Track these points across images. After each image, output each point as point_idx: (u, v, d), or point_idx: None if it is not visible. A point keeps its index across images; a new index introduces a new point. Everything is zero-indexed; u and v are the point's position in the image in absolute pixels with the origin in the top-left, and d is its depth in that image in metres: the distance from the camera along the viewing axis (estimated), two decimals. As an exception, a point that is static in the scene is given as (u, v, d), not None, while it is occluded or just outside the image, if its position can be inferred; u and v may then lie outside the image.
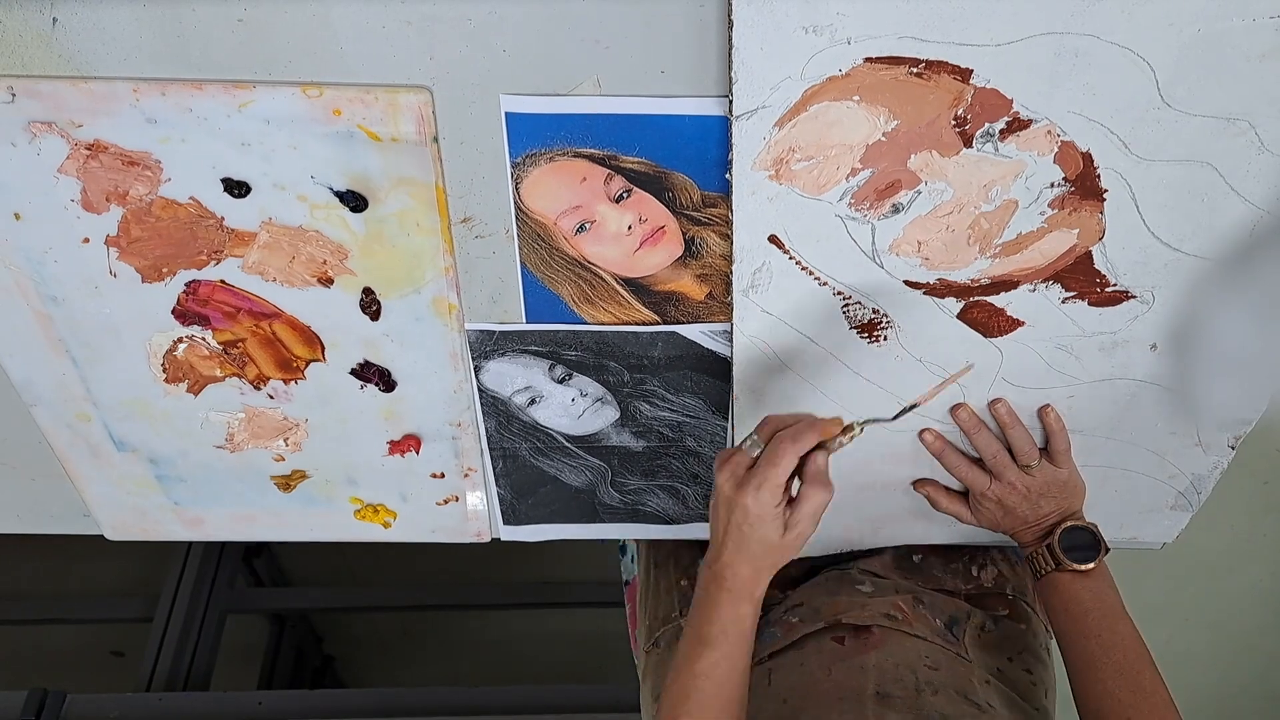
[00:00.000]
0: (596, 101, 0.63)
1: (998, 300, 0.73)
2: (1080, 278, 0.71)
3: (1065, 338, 0.75)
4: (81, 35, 0.60)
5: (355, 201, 0.68)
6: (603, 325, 0.76)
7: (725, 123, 0.63)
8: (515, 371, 0.80)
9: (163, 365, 0.79)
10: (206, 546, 1.77)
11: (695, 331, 0.77)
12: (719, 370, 0.79)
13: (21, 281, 0.72)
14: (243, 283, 0.73)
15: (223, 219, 0.69)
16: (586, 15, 0.59)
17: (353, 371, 0.79)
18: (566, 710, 1.46)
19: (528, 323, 0.76)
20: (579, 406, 0.82)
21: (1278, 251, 0.69)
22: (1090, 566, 0.79)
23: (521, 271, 0.73)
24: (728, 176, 0.65)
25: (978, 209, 0.67)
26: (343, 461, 0.87)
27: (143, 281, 0.73)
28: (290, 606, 2.07)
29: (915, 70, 0.60)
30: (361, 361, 0.78)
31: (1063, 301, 0.73)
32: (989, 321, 0.74)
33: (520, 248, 0.71)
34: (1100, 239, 0.69)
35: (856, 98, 0.61)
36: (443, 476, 0.88)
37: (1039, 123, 0.62)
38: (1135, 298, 0.73)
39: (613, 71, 0.62)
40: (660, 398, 0.82)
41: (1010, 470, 0.81)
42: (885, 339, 0.75)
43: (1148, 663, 0.76)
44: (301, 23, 0.59)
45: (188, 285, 0.73)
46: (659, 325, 0.76)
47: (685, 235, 0.70)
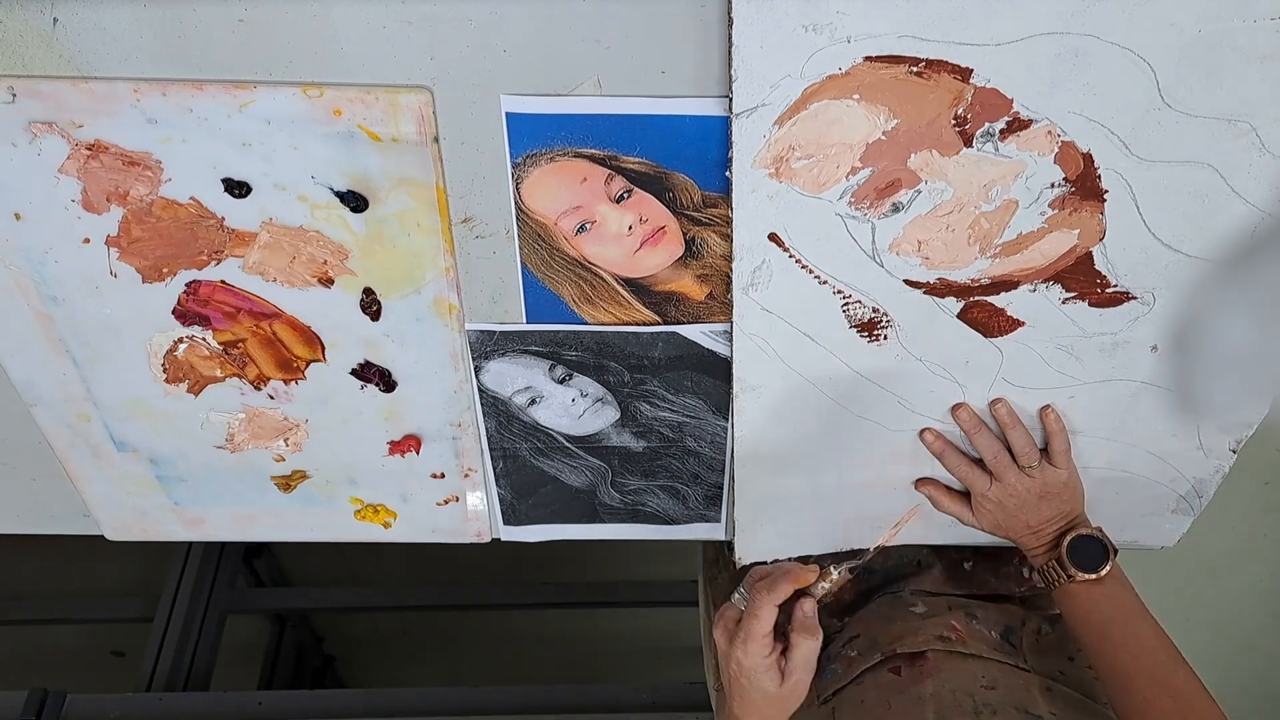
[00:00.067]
0: (597, 102, 0.63)
1: (998, 300, 0.73)
2: (1081, 278, 0.71)
3: (1066, 338, 0.75)
4: (82, 35, 0.60)
5: (356, 202, 0.68)
6: (603, 325, 0.76)
7: (726, 123, 0.63)
8: (515, 372, 0.80)
9: (163, 365, 0.79)
10: (207, 546, 1.77)
11: (696, 332, 0.77)
12: (719, 371, 0.79)
13: (22, 281, 0.72)
14: (243, 283, 0.73)
15: (223, 219, 0.69)
16: (587, 15, 0.59)
17: (353, 372, 0.79)
18: (566, 710, 1.46)
19: (528, 323, 0.76)
20: (579, 407, 0.82)
21: (1278, 253, 0.69)
22: (1104, 573, 0.78)
23: (522, 272, 0.73)
24: (728, 174, 0.65)
25: (978, 209, 0.67)
26: (343, 462, 0.87)
27: (143, 282, 0.73)
28: (290, 606, 2.07)
29: (915, 69, 0.60)
30: (362, 362, 0.78)
31: (1063, 302, 0.73)
32: (989, 321, 0.74)
33: (521, 248, 0.71)
34: (1101, 239, 0.69)
35: (856, 96, 0.61)
36: (443, 477, 0.88)
37: (1039, 123, 0.62)
38: (1136, 299, 0.73)
39: (613, 71, 0.62)
40: (661, 398, 0.82)
41: (1010, 471, 0.81)
42: (885, 338, 0.75)
43: (1179, 661, 0.75)
44: (302, 23, 0.59)
45: (188, 285, 0.73)
46: (659, 325, 0.76)
47: (686, 235, 0.70)
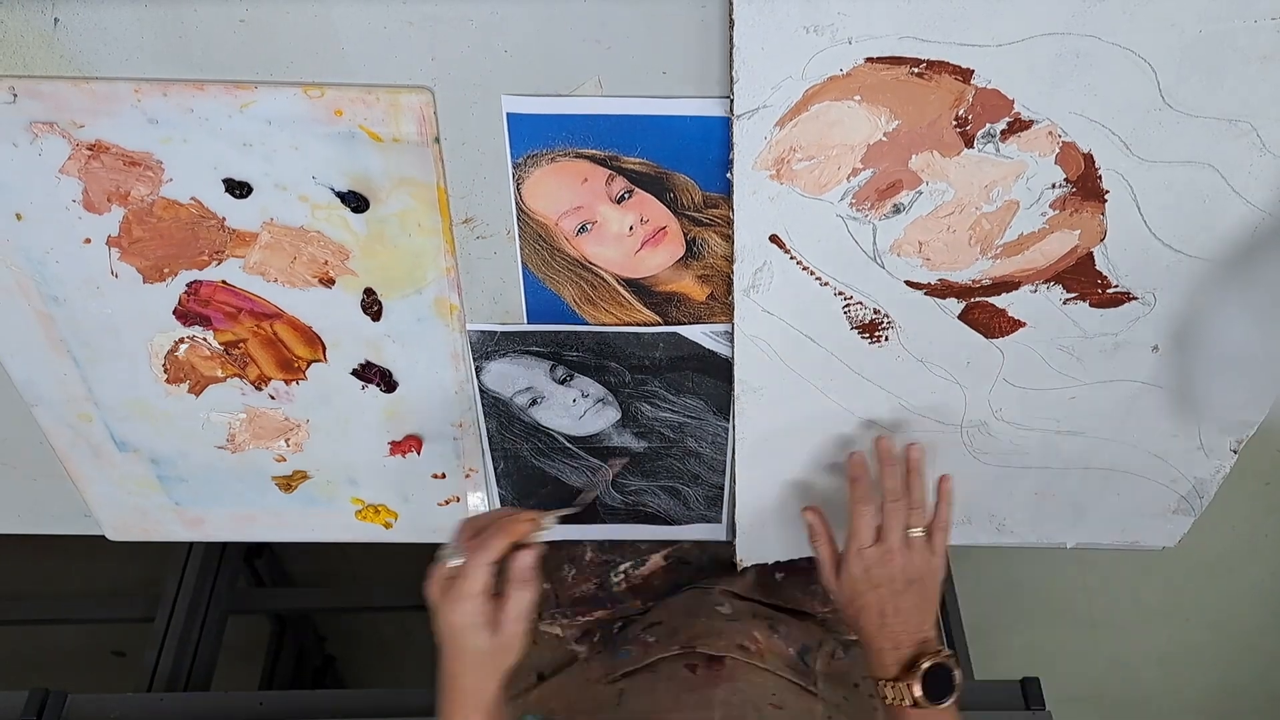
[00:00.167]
0: (598, 102, 0.63)
1: (999, 301, 0.73)
2: (1081, 279, 0.71)
3: (1066, 339, 0.75)
4: (83, 35, 0.60)
5: (356, 202, 0.68)
6: (604, 326, 0.76)
7: (727, 123, 0.63)
8: (516, 372, 0.80)
9: (164, 366, 0.79)
10: (208, 547, 1.77)
11: (696, 332, 0.77)
12: (720, 371, 0.79)
13: (23, 282, 0.72)
14: (244, 283, 0.73)
15: (224, 219, 0.69)
16: (588, 16, 0.59)
17: (354, 372, 0.79)
18: (567, 710, 1.46)
19: (529, 323, 0.76)
20: (580, 407, 0.82)
21: (1279, 253, 0.69)
22: (945, 706, 0.75)
23: (523, 272, 0.73)
24: (729, 176, 0.65)
25: (979, 209, 0.67)
26: (344, 462, 0.87)
27: (144, 282, 0.73)
28: (291, 607, 2.07)
29: (916, 70, 0.60)
30: (363, 362, 0.78)
31: (1064, 303, 0.73)
32: (990, 322, 0.74)
33: (521, 248, 0.71)
34: (1101, 240, 0.69)
35: (857, 98, 0.61)
36: (444, 477, 0.88)
37: (1040, 123, 0.62)
38: (1137, 299, 0.73)
39: (614, 72, 0.62)
40: (661, 398, 0.82)
41: (896, 532, 0.78)
42: (886, 339, 0.75)
43: None
44: (303, 23, 0.59)
45: (189, 286, 0.73)
46: (660, 326, 0.76)
47: (686, 236, 0.70)
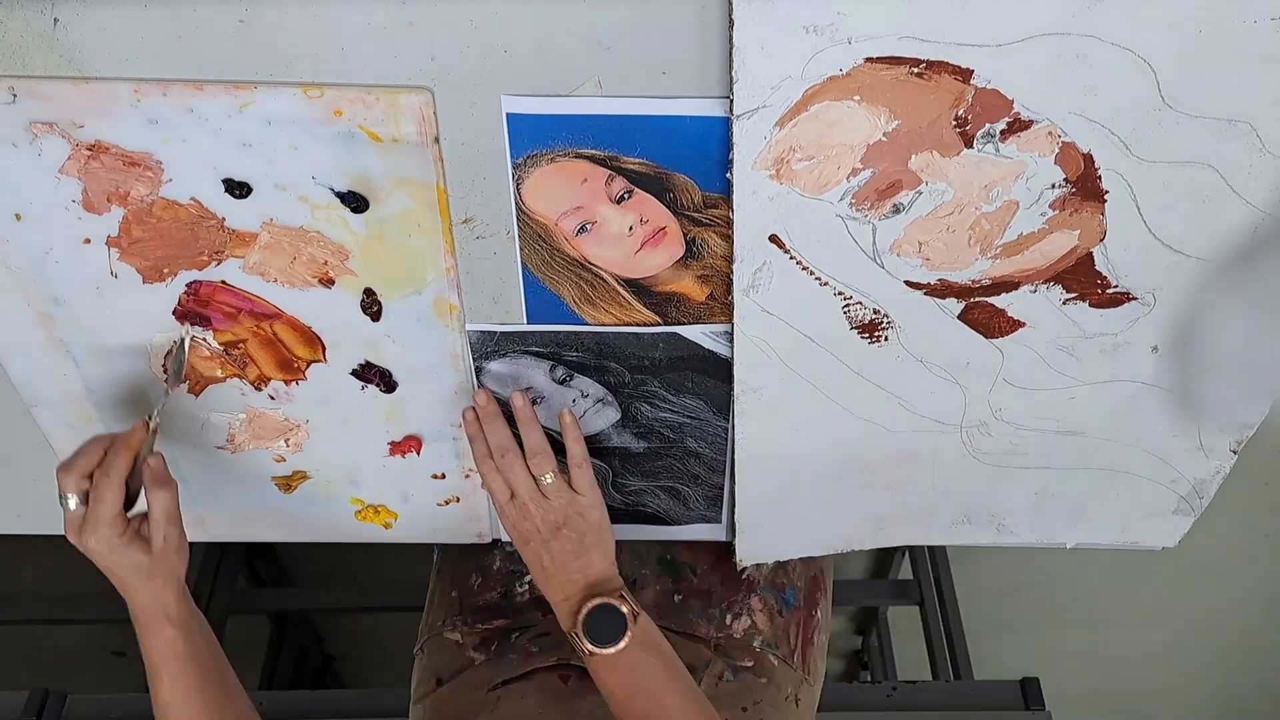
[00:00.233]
0: (598, 102, 0.63)
1: (999, 301, 0.73)
2: (1081, 279, 0.71)
3: (1066, 339, 0.75)
4: (83, 36, 0.60)
5: (356, 202, 0.68)
6: (604, 326, 0.76)
7: (726, 124, 0.63)
8: (516, 372, 0.80)
9: (164, 366, 0.79)
10: (208, 547, 1.77)
11: (696, 332, 0.77)
12: (720, 371, 0.79)
13: (23, 282, 0.72)
14: (244, 283, 0.73)
15: (224, 220, 0.69)
16: (588, 16, 0.59)
17: (354, 372, 0.79)
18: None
19: (529, 323, 0.76)
20: (580, 407, 0.82)
21: (1279, 253, 0.69)
22: (619, 648, 0.73)
23: (522, 272, 0.73)
24: (728, 176, 0.65)
25: (979, 210, 0.67)
26: (344, 462, 0.87)
27: (144, 282, 0.73)
28: (292, 607, 2.07)
29: (916, 70, 0.60)
30: (362, 362, 0.78)
31: (1064, 303, 0.73)
32: (990, 322, 0.74)
33: (521, 248, 0.71)
34: (1101, 240, 0.69)
35: (857, 98, 0.61)
36: (444, 477, 0.88)
37: (1040, 123, 0.62)
38: (1136, 299, 0.73)
39: (614, 72, 0.62)
40: (661, 398, 0.82)
41: (523, 485, 0.77)
42: (886, 339, 0.75)
43: None
44: (302, 23, 0.59)
45: (189, 286, 0.73)
46: (660, 326, 0.76)
47: (686, 236, 0.70)
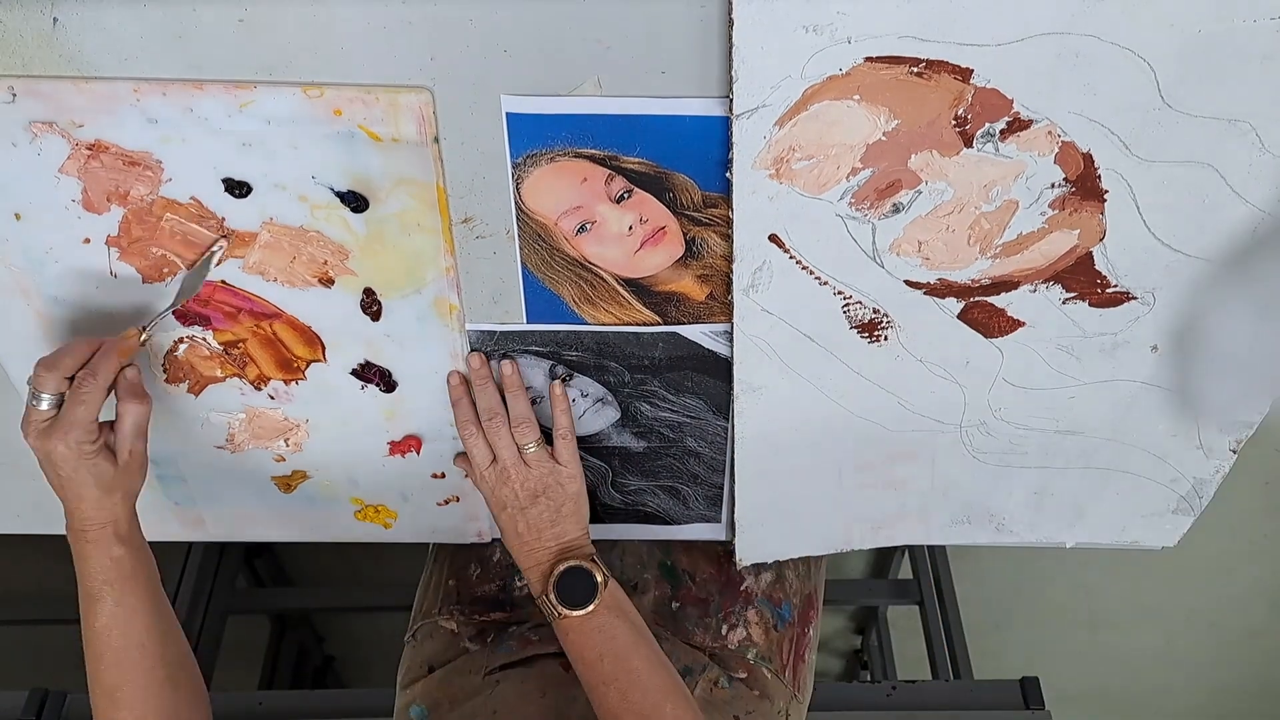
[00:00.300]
0: (597, 102, 0.63)
1: (998, 300, 0.73)
2: (1081, 278, 0.71)
3: (1066, 338, 0.75)
4: (82, 35, 0.60)
5: (356, 202, 0.68)
6: (603, 326, 0.76)
7: (726, 123, 0.63)
8: (516, 372, 0.80)
9: (163, 365, 0.79)
10: (207, 546, 1.77)
11: (696, 332, 0.77)
12: (720, 370, 0.79)
13: (22, 281, 0.72)
14: (243, 283, 0.73)
15: (224, 219, 0.69)
16: (587, 15, 0.59)
17: (353, 372, 0.79)
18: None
19: (528, 323, 0.76)
20: (580, 407, 0.82)
21: (1278, 253, 0.69)
22: (589, 610, 0.75)
23: (522, 272, 0.73)
24: (728, 176, 0.65)
25: (978, 209, 0.67)
26: (343, 462, 0.87)
27: (143, 281, 0.73)
28: (291, 606, 2.07)
29: (915, 70, 0.60)
30: (362, 362, 0.78)
31: (1063, 302, 0.73)
32: (989, 322, 0.74)
33: (521, 248, 0.71)
34: (1101, 240, 0.69)
35: (857, 97, 0.61)
36: (443, 477, 0.88)
37: (1039, 123, 0.62)
38: (1136, 299, 0.73)
39: (614, 72, 0.62)
40: (661, 398, 0.82)
41: (506, 450, 0.78)
42: (885, 339, 0.75)
43: (668, 693, 0.74)
44: (302, 23, 0.59)
45: (188, 285, 0.73)
46: (660, 326, 0.76)
47: (686, 236, 0.70)
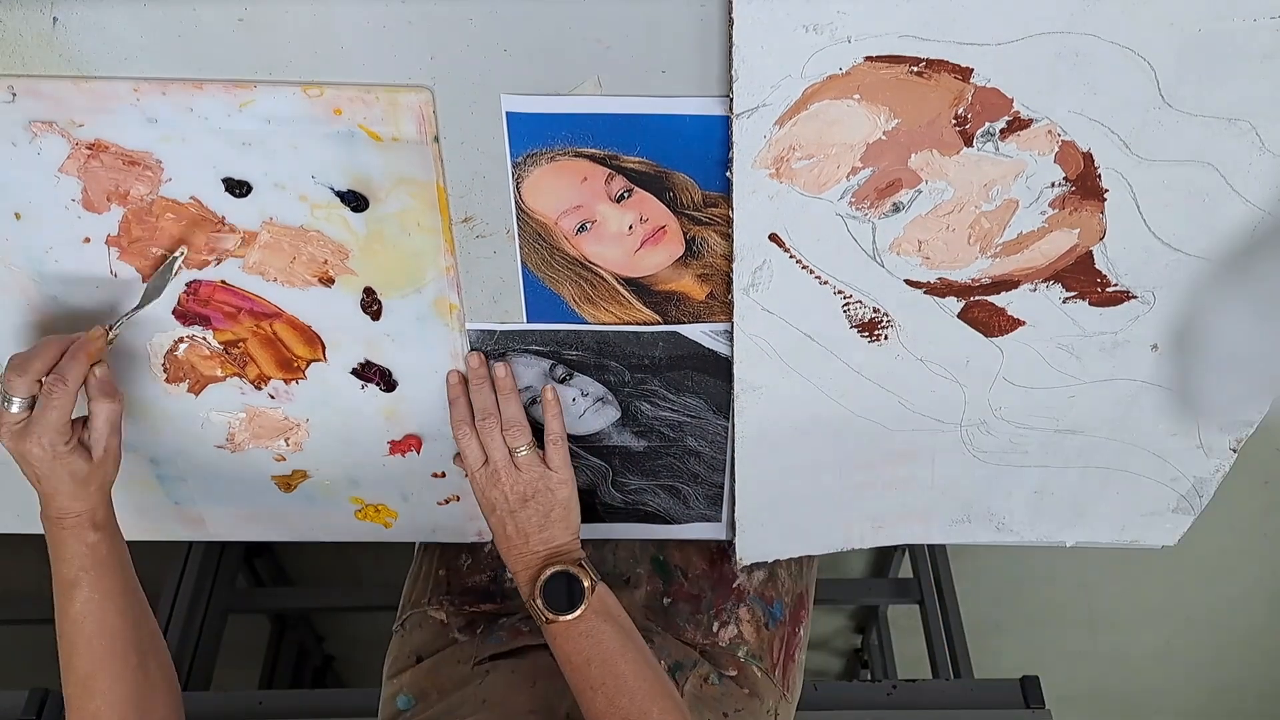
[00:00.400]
0: (597, 101, 0.63)
1: (998, 300, 0.73)
2: (1081, 278, 0.71)
3: (1066, 338, 0.75)
4: (82, 35, 0.60)
5: (356, 201, 0.68)
6: (604, 325, 0.76)
7: (726, 122, 0.63)
8: (516, 371, 0.80)
9: (163, 365, 0.79)
10: (207, 546, 1.77)
11: (696, 331, 0.77)
12: (720, 370, 0.79)
13: (22, 281, 0.72)
14: (243, 283, 0.73)
15: (224, 219, 0.69)
16: (587, 15, 0.59)
17: (354, 371, 0.79)
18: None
19: (529, 322, 0.76)
20: (580, 406, 0.82)
21: (1278, 252, 0.69)
22: (576, 615, 0.75)
23: (522, 271, 0.73)
24: (728, 175, 0.65)
25: (978, 208, 0.67)
26: (344, 461, 0.87)
27: (143, 281, 0.72)
28: (291, 606, 2.07)
29: (916, 69, 0.60)
30: (362, 361, 0.78)
31: (1063, 301, 0.73)
32: (989, 321, 0.74)
33: (521, 247, 0.71)
34: (1101, 239, 0.69)
35: (857, 96, 0.61)
36: (444, 476, 0.88)
37: (1039, 122, 0.62)
38: (1136, 298, 0.73)
39: (614, 71, 0.62)
40: (661, 397, 0.82)
41: (498, 452, 0.78)
42: (886, 338, 0.75)
43: (655, 697, 0.73)
44: (302, 22, 0.59)
45: (188, 285, 0.73)
46: (660, 325, 0.76)
47: (686, 235, 0.70)
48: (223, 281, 0.73)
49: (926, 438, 0.84)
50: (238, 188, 0.67)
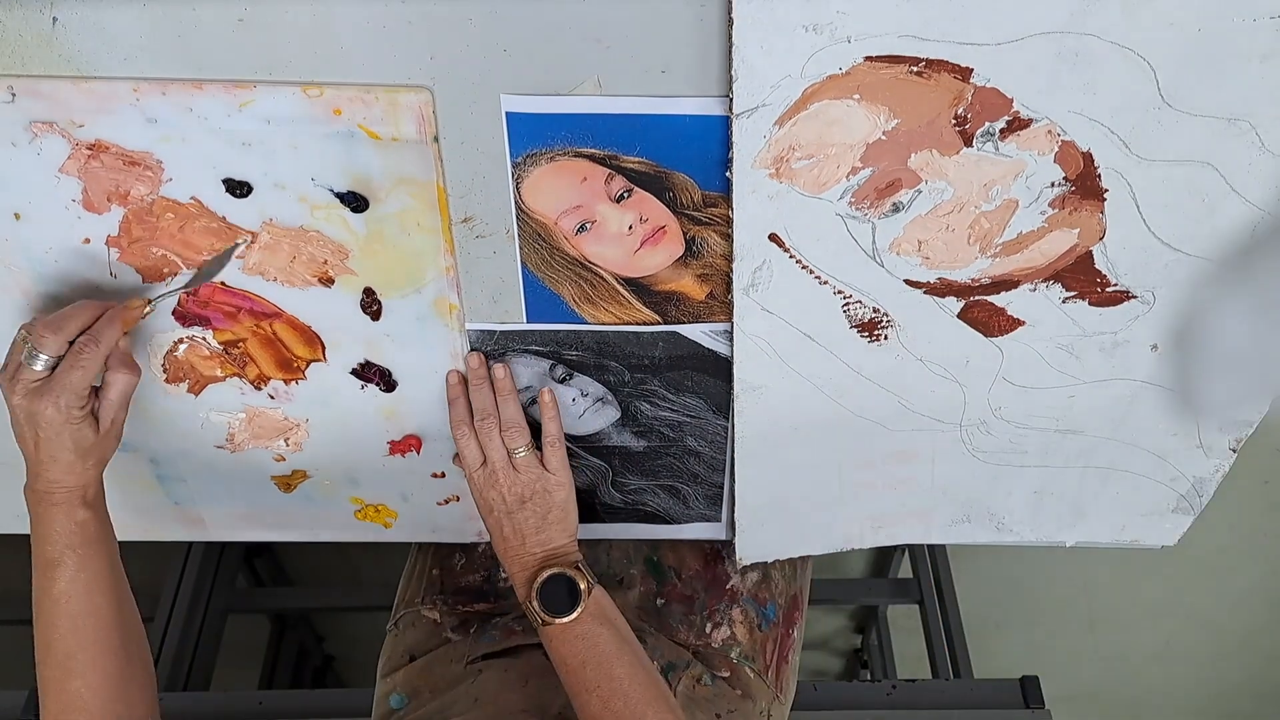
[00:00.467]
0: (597, 101, 0.63)
1: (998, 300, 0.73)
2: (1081, 277, 0.71)
3: (1066, 338, 0.75)
4: (82, 35, 0.60)
5: (356, 201, 0.68)
6: (603, 325, 0.76)
7: (726, 122, 0.63)
8: (516, 371, 0.80)
9: (163, 365, 0.79)
10: (207, 546, 1.77)
11: (696, 331, 0.77)
12: (720, 370, 0.79)
13: (22, 281, 0.72)
14: (243, 283, 0.73)
15: (224, 219, 0.69)
16: (587, 15, 0.59)
17: (353, 371, 0.79)
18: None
19: (528, 322, 0.76)
20: (580, 406, 0.82)
21: (1278, 252, 0.69)
22: (572, 618, 0.75)
23: (522, 271, 0.73)
24: (728, 175, 0.65)
25: (978, 208, 0.67)
26: (343, 461, 0.87)
27: (143, 282, 0.72)
28: (291, 606, 2.07)
29: (915, 69, 0.60)
30: (362, 361, 0.78)
31: (1063, 301, 0.73)
32: (989, 321, 0.74)
33: (521, 247, 0.71)
34: (1101, 239, 0.69)
35: (856, 96, 0.61)
36: (443, 476, 0.88)
37: (1039, 122, 0.62)
38: (1136, 298, 0.73)
39: (613, 71, 0.62)
40: (661, 397, 0.82)
41: (496, 453, 0.78)
42: (885, 338, 0.75)
43: (651, 701, 0.73)
44: (302, 22, 0.59)
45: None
46: (660, 325, 0.76)
47: (686, 235, 0.70)
48: (222, 282, 0.73)
49: (926, 438, 0.84)
50: (238, 188, 0.67)
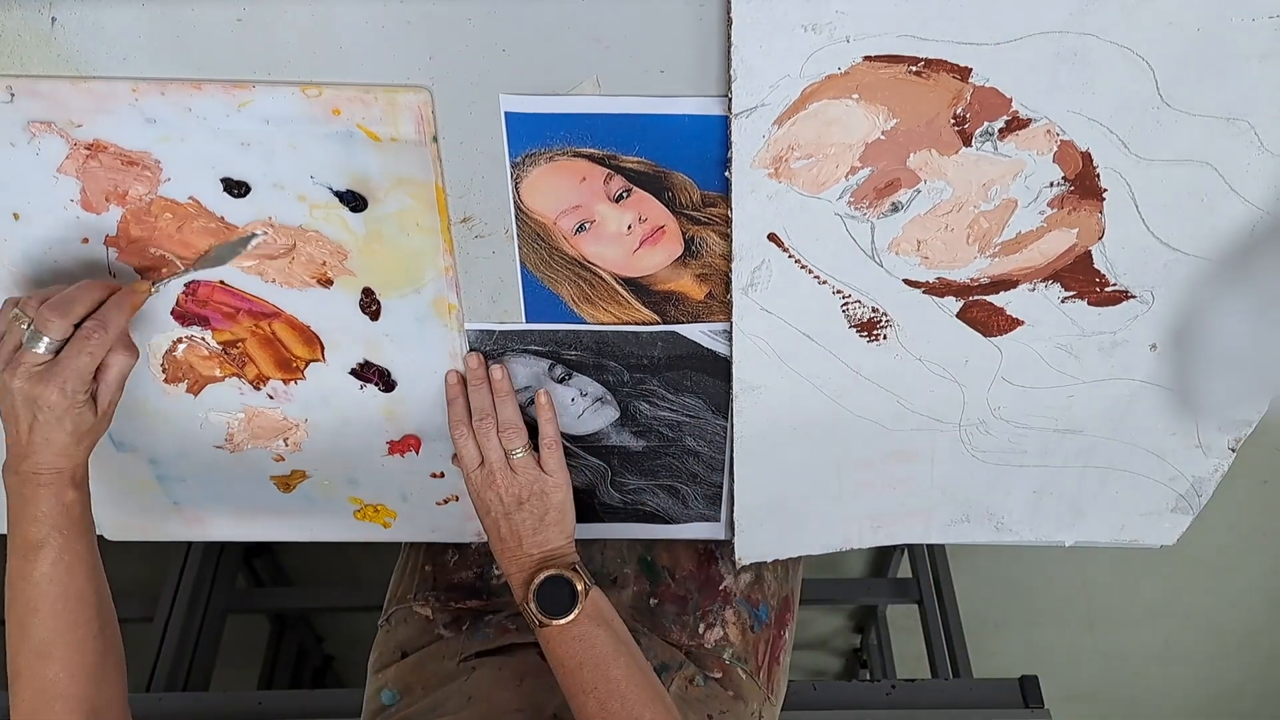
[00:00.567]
0: (596, 101, 0.63)
1: (997, 299, 0.73)
2: (1080, 277, 0.71)
3: (1065, 337, 0.75)
4: (81, 35, 0.60)
5: (355, 201, 0.68)
6: (603, 325, 0.76)
7: (725, 122, 0.63)
8: (515, 371, 0.80)
9: (162, 365, 0.79)
10: (206, 546, 1.77)
11: (695, 331, 0.77)
12: (719, 370, 0.79)
13: (21, 281, 0.72)
14: (242, 283, 0.73)
15: (223, 219, 0.69)
16: (586, 15, 0.59)
17: (352, 371, 0.79)
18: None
19: (528, 322, 0.76)
20: (579, 406, 0.82)
21: (1277, 252, 0.69)
22: (569, 619, 0.75)
23: (521, 271, 0.73)
24: (727, 175, 0.65)
25: (977, 208, 0.67)
26: (343, 461, 0.87)
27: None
28: (290, 606, 2.07)
29: (914, 69, 0.60)
30: (361, 361, 0.78)
31: (1062, 301, 0.73)
32: (988, 320, 0.74)
33: (520, 247, 0.71)
34: (1100, 238, 0.69)
35: (855, 96, 0.61)
36: (443, 476, 0.88)
37: (1038, 122, 0.62)
38: (1135, 298, 0.73)
39: (612, 71, 0.62)
40: (660, 397, 0.82)
41: (494, 453, 0.78)
42: (885, 338, 0.75)
43: (648, 703, 0.74)
44: (301, 22, 0.59)
45: (187, 286, 0.73)
46: (659, 325, 0.76)
47: (685, 235, 0.70)
48: (221, 282, 0.73)
49: (925, 437, 0.84)
50: (236, 188, 0.67)
